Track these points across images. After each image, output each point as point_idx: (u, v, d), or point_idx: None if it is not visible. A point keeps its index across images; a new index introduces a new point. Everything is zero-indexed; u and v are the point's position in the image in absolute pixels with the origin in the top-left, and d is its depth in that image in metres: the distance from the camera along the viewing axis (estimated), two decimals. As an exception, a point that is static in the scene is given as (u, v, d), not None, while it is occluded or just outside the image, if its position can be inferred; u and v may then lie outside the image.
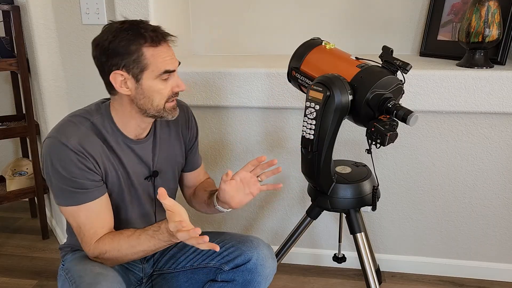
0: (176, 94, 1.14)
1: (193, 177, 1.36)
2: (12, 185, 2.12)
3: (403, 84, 1.16)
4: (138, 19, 1.11)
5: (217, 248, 0.99)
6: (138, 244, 1.08)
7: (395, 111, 1.10)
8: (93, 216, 1.10)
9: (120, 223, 1.19)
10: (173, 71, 1.10)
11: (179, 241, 1.06)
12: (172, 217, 1.00)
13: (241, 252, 1.17)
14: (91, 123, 1.12)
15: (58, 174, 1.06)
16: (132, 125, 1.15)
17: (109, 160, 1.13)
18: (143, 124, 1.17)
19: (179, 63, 1.14)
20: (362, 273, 1.36)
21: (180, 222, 0.98)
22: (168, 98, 1.11)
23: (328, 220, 1.80)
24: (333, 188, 1.27)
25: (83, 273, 1.06)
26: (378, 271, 1.72)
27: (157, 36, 1.07)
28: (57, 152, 1.06)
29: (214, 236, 1.27)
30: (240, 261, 1.17)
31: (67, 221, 1.17)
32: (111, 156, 1.14)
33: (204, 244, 0.98)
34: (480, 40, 1.46)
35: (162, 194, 1.00)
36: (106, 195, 1.13)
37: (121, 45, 1.05)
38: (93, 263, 1.10)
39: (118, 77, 1.07)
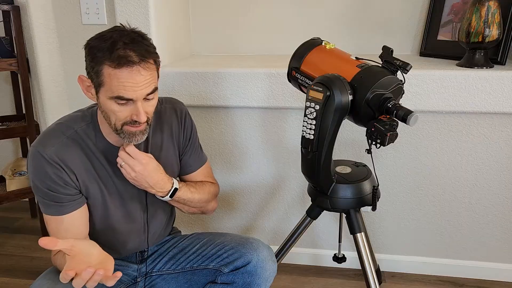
0: (138, 122, 1.04)
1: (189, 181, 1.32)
2: (12, 185, 2.12)
3: (403, 84, 1.16)
4: (139, 32, 1.03)
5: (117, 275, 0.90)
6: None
7: (395, 111, 1.10)
8: (61, 230, 1.09)
9: (107, 233, 1.18)
10: (130, 99, 1.00)
11: None
12: (68, 262, 0.90)
13: (240, 254, 1.17)
14: (75, 132, 1.10)
15: (34, 184, 1.07)
16: (114, 134, 1.10)
17: (90, 172, 1.11)
18: None
19: (154, 90, 1.04)
20: (362, 273, 1.36)
21: (67, 271, 0.87)
22: (125, 123, 1.04)
23: (328, 220, 1.80)
24: (333, 188, 1.27)
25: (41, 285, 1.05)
26: (378, 271, 1.72)
27: (120, 58, 0.96)
28: (34, 162, 1.06)
29: (214, 237, 1.27)
30: (239, 263, 1.16)
31: None
32: (95, 165, 1.12)
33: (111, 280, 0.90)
34: (480, 40, 1.46)
35: (46, 244, 0.85)
36: (82, 209, 1.11)
37: (92, 52, 1.00)
38: (50, 277, 1.08)
39: (84, 82, 1.05)
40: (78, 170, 1.09)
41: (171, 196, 1.18)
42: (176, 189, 1.19)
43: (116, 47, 0.97)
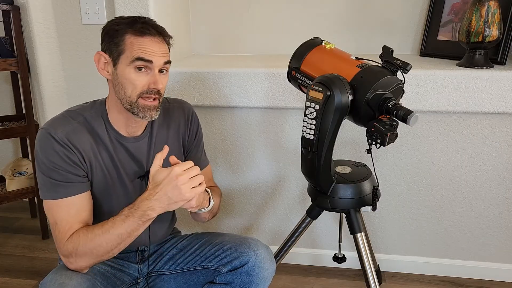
0: (154, 92, 1.09)
1: None
2: (12, 185, 2.12)
3: (403, 84, 1.16)
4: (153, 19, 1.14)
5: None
6: (112, 227, 1.04)
7: (395, 111, 1.10)
8: (72, 212, 1.08)
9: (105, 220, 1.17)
10: (148, 61, 1.07)
11: (154, 215, 1.04)
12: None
13: (238, 254, 1.16)
14: (84, 118, 1.12)
15: (42, 164, 1.07)
16: (122, 120, 1.14)
17: (96, 157, 1.12)
18: (133, 122, 1.15)
19: (168, 62, 1.12)
20: (362, 273, 1.36)
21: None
22: (141, 93, 1.08)
23: (328, 220, 1.80)
24: (333, 188, 1.27)
25: (49, 283, 1.04)
26: (378, 271, 1.72)
27: (143, 28, 1.07)
28: (43, 142, 1.07)
29: (213, 237, 1.27)
30: (237, 263, 1.16)
31: None
32: (102, 153, 1.13)
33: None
34: (480, 40, 1.46)
35: (165, 148, 1.07)
36: (89, 193, 1.12)
37: (112, 28, 1.08)
38: (62, 273, 1.07)
39: (101, 59, 1.11)
40: (87, 153, 1.10)
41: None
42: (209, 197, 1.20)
43: (137, 23, 1.08)
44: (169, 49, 1.14)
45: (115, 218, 1.06)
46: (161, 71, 1.11)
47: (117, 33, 1.07)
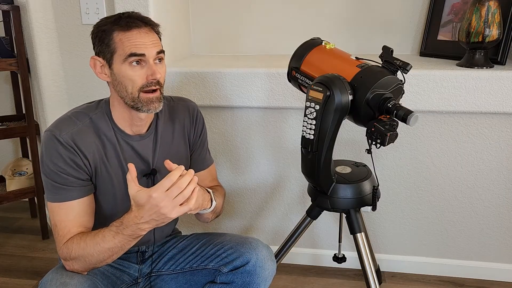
0: (154, 83, 1.08)
1: None
2: (12, 185, 2.12)
3: (403, 84, 1.16)
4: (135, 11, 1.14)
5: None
6: (103, 241, 1.03)
7: (395, 111, 1.10)
8: (71, 216, 1.08)
9: (110, 222, 1.17)
10: (141, 55, 1.06)
11: (144, 233, 1.03)
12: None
13: (239, 254, 1.16)
14: (90, 119, 1.13)
15: (46, 166, 1.07)
16: (127, 119, 1.14)
17: (102, 159, 1.13)
18: (138, 120, 1.15)
19: (161, 52, 1.10)
20: (362, 273, 1.36)
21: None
22: (142, 87, 1.08)
23: (328, 220, 1.80)
24: (333, 188, 1.27)
25: (50, 282, 1.04)
26: (378, 271, 1.72)
27: (128, 22, 1.06)
28: (48, 145, 1.07)
29: (213, 237, 1.27)
30: (238, 263, 1.16)
31: None
32: (108, 153, 1.13)
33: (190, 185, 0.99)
34: (480, 40, 1.46)
35: (132, 168, 1.01)
36: (91, 197, 1.12)
37: (99, 30, 1.08)
38: (63, 272, 1.07)
39: (97, 63, 1.11)
40: (92, 156, 1.11)
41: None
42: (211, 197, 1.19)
43: (121, 19, 1.08)
44: (160, 38, 1.13)
45: (105, 232, 1.04)
46: (158, 60, 1.11)
47: (105, 34, 1.07)
